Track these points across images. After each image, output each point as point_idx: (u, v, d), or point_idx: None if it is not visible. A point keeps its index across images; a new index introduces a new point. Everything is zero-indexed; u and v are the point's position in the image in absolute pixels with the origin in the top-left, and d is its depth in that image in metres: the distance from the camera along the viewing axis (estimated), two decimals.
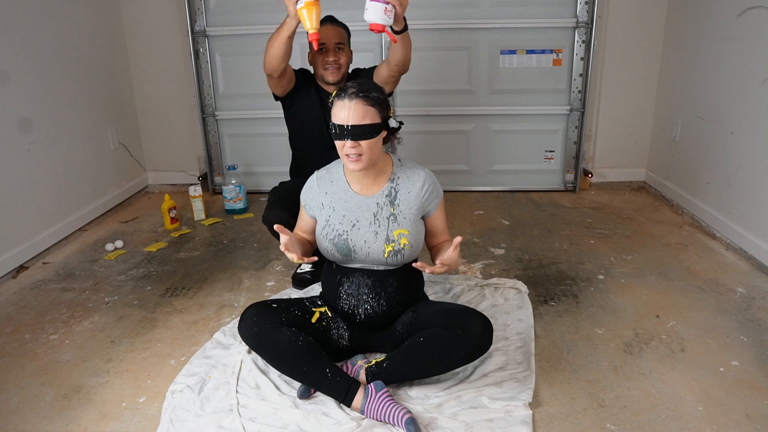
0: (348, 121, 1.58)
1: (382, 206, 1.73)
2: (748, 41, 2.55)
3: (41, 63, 2.78)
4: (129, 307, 2.24)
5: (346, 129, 1.59)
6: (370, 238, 1.71)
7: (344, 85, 1.63)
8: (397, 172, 1.76)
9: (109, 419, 1.62)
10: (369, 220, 1.72)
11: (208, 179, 3.68)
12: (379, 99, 1.63)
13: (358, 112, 1.58)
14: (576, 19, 3.31)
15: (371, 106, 1.60)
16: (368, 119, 1.59)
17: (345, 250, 1.71)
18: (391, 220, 1.72)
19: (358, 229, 1.72)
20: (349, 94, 1.59)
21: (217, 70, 3.53)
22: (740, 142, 2.61)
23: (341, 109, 1.60)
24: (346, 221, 1.73)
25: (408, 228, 1.72)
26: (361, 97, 1.59)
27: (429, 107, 3.49)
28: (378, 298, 1.74)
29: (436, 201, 1.77)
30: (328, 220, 1.75)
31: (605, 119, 3.52)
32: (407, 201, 1.73)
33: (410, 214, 1.73)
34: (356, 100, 1.58)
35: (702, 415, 1.57)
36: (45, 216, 2.79)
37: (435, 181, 1.79)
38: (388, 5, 1.77)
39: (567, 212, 3.21)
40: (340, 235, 1.72)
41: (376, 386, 1.57)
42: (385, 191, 1.74)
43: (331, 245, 1.72)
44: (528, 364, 1.77)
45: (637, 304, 2.17)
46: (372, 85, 1.66)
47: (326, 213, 1.76)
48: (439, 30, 3.35)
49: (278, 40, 2.00)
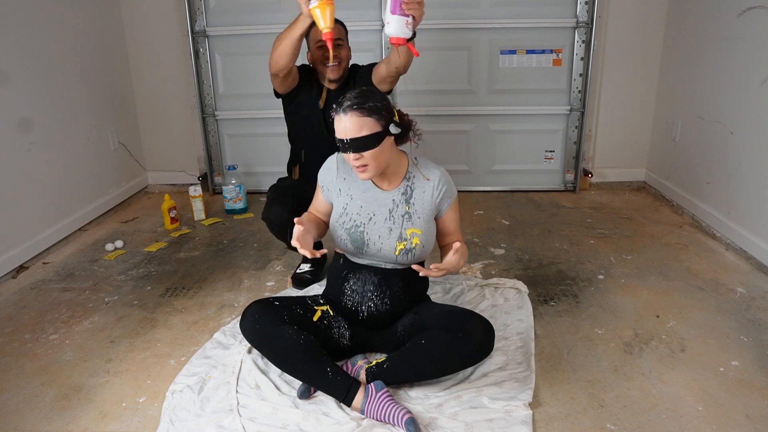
0: (346, 134, 1.58)
1: (398, 204, 1.73)
2: (748, 41, 2.55)
3: (41, 63, 2.78)
4: (129, 307, 2.24)
5: (346, 142, 1.59)
6: (384, 234, 1.71)
7: (340, 98, 1.62)
8: (412, 171, 1.76)
9: (109, 419, 1.62)
10: (384, 215, 1.73)
11: (208, 179, 3.68)
12: (376, 107, 1.59)
13: (354, 125, 1.57)
14: (576, 19, 3.31)
15: (367, 116, 1.57)
16: (366, 130, 1.57)
17: (359, 242, 1.72)
18: (405, 219, 1.72)
19: (374, 223, 1.72)
20: (344, 108, 1.58)
21: (217, 70, 3.53)
22: (740, 142, 2.61)
23: (339, 123, 1.59)
24: (363, 213, 1.73)
25: (421, 228, 1.72)
26: (356, 109, 1.57)
27: (429, 107, 3.49)
28: (383, 296, 1.74)
29: (449, 201, 1.77)
30: (345, 209, 1.75)
31: (605, 119, 3.52)
32: (422, 200, 1.74)
33: (424, 214, 1.74)
34: (351, 113, 1.57)
35: (702, 415, 1.57)
36: (45, 216, 2.79)
37: (449, 181, 1.79)
38: (409, 17, 1.76)
39: (567, 212, 3.21)
40: (357, 226, 1.72)
41: (376, 386, 1.57)
42: (401, 189, 1.74)
43: (346, 235, 1.73)
44: (528, 364, 1.77)
45: (637, 304, 2.17)
46: (367, 94, 1.62)
47: (344, 200, 1.76)
48: (439, 30, 3.35)
49: (288, 38, 1.99)
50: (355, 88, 1.73)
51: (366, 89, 1.66)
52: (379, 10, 3.30)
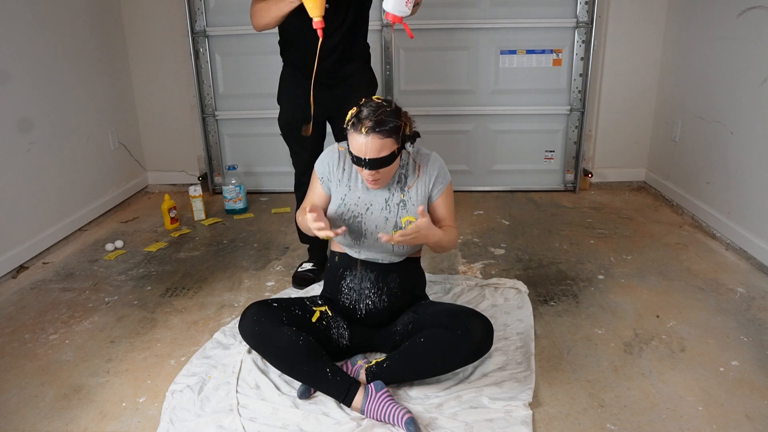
0: (366, 154, 1.57)
1: (394, 192, 1.74)
2: (748, 41, 2.55)
3: (41, 63, 2.78)
4: (129, 307, 2.24)
5: (364, 161, 1.59)
6: (381, 224, 1.72)
7: (360, 112, 1.57)
8: (405, 158, 1.76)
9: (109, 419, 1.62)
10: (381, 205, 1.73)
11: (208, 179, 3.68)
12: (396, 128, 1.57)
13: (374, 147, 1.56)
14: (576, 19, 3.31)
15: (387, 137, 1.57)
16: (385, 151, 1.58)
17: (357, 233, 1.72)
18: (400, 207, 1.73)
19: (371, 213, 1.73)
20: (367, 130, 1.54)
21: (217, 70, 3.53)
22: (740, 142, 2.61)
23: (357, 141, 1.57)
24: (361, 203, 1.73)
25: (416, 215, 1.72)
26: (378, 132, 1.55)
27: (429, 107, 3.49)
28: (380, 293, 1.74)
29: (441, 186, 1.76)
30: (344, 199, 1.75)
31: (605, 119, 3.52)
32: (416, 187, 1.74)
33: (418, 201, 1.74)
34: (372, 136, 1.55)
35: (702, 415, 1.57)
36: (45, 216, 2.79)
37: (443, 166, 1.78)
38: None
39: (567, 212, 3.21)
40: (355, 216, 1.73)
41: (376, 386, 1.57)
42: (396, 177, 1.74)
43: (345, 225, 1.72)
44: (528, 364, 1.77)
45: (637, 304, 2.17)
46: (386, 113, 1.58)
47: (342, 190, 1.76)
48: (439, 30, 3.35)
49: (272, 15, 1.93)
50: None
51: (383, 105, 1.59)
52: (378, 9, 3.30)
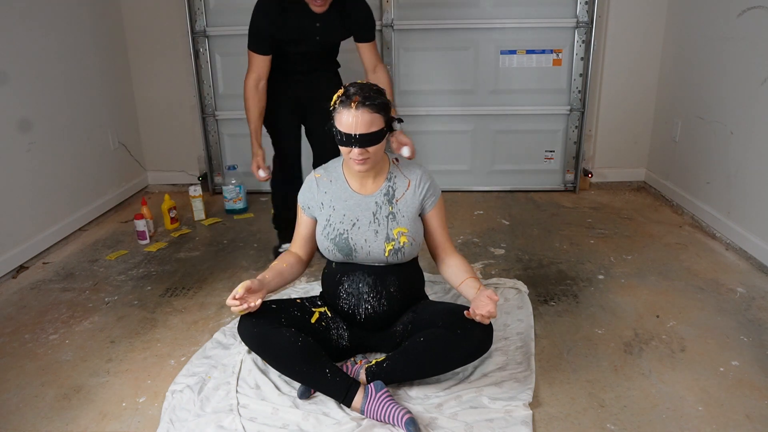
0: (356, 129, 1.58)
1: (381, 205, 1.73)
2: (748, 41, 2.55)
3: (41, 63, 2.78)
4: (129, 307, 2.24)
5: (354, 137, 1.59)
6: (371, 237, 1.71)
7: (348, 90, 1.61)
8: (393, 171, 1.77)
9: (109, 419, 1.62)
10: (369, 219, 1.72)
11: (208, 179, 3.68)
12: (383, 104, 1.62)
13: (365, 121, 1.58)
14: (576, 19, 3.31)
15: (376, 112, 1.60)
16: (375, 126, 1.60)
17: (346, 249, 1.71)
18: (390, 219, 1.72)
19: (358, 228, 1.72)
20: (357, 104, 1.58)
21: (217, 70, 3.53)
22: (740, 142, 2.61)
23: (346, 117, 1.59)
24: (346, 220, 1.73)
25: (407, 226, 1.72)
26: (368, 105, 1.58)
27: (429, 107, 3.49)
28: (379, 297, 1.73)
29: (432, 199, 1.78)
30: (329, 220, 1.75)
31: (605, 119, 3.52)
32: (405, 199, 1.74)
33: (408, 213, 1.74)
34: (363, 110, 1.57)
35: (702, 415, 1.57)
36: (45, 216, 2.79)
37: (432, 179, 1.79)
38: None
39: (567, 212, 3.21)
40: (340, 234, 1.72)
41: (376, 386, 1.57)
42: (383, 190, 1.74)
43: (332, 244, 1.72)
44: (528, 364, 1.77)
45: (637, 304, 2.17)
46: (374, 89, 1.64)
47: (326, 212, 1.76)
48: (439, 30, 3.35)
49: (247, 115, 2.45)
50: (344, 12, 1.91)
51: (369, 84, 1.66)
52: (379, 10, 3.30)
